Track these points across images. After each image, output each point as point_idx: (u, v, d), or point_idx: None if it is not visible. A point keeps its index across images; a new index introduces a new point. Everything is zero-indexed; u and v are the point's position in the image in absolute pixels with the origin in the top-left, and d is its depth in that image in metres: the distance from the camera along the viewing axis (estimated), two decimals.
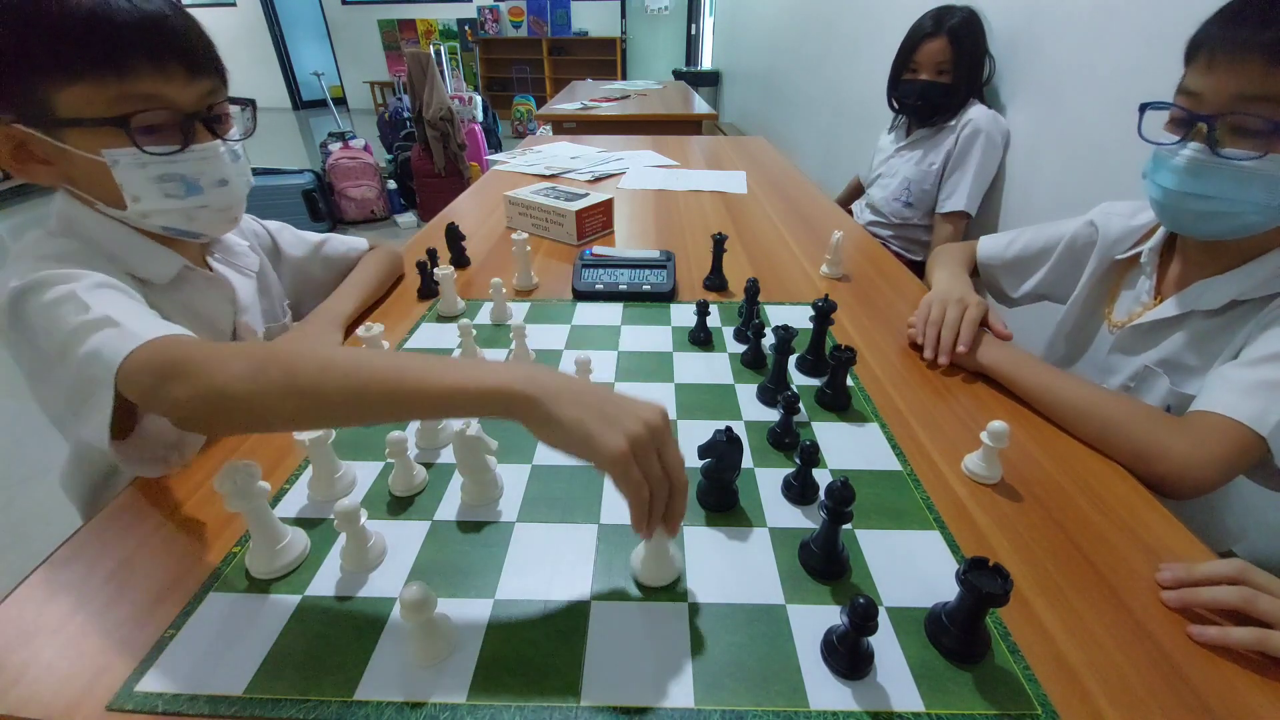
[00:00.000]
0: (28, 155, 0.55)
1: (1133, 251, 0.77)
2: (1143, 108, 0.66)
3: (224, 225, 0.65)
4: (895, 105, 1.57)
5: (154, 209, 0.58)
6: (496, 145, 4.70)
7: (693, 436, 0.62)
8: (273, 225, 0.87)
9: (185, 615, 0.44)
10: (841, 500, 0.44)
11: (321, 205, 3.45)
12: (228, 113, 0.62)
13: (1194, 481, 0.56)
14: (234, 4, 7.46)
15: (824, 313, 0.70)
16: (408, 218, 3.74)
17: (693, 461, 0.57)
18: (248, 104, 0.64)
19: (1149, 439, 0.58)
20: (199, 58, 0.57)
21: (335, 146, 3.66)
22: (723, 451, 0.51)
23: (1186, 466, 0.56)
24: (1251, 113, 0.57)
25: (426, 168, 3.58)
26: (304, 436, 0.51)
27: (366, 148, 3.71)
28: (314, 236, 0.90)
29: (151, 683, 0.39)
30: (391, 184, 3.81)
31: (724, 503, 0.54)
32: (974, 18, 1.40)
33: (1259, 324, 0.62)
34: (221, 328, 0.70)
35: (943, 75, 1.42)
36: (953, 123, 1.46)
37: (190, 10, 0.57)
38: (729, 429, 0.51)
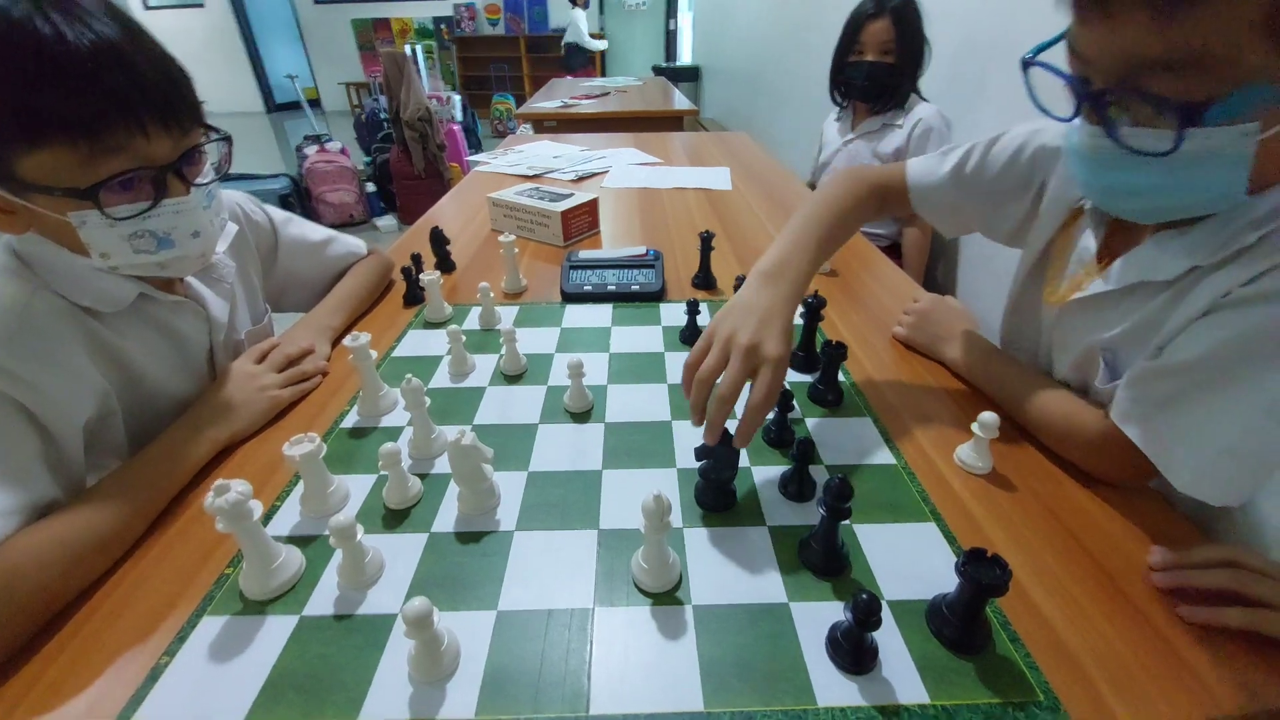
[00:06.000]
0: None
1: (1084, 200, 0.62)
2: (1024, 64, 0.50)
3: (195, 268, 0.63)
4: (840, 91, 1.61)
5: (123, 264, 0.55)
6: (476, 145, 4.65)
7: (689, 438, 0.62)
8: (278, 216, 0.84)
9: (179, 641, 0.43)
10: (840, 497, 0.44)
11: (298, 210, 3.40)
12: (202, 151, 0.58)
13: (1116, 484, 0.55)
14: (202, 4, 7.29)
15: (814, 309, 0.71)
16: (387, 221, 3.69)
17: (690, 463, 0.58)
18: (223, 139, 0.60)
19: (1067, 446, 0.58)
20: (174, 106, 0.53)
21: (311, 150, 3.59)
22: (719, 453, 0.51)
23: (1104, 475, 0.56)
24: (1145, 88, 0.42)
25: (406, 170, 3.53)
26: (294, 451, 0.50)
27: (343, 151, 3.66)
28: (318, 234, 0.88)
29: (148, 713, 0.38)
30: (370, 187, 3.76)
31: (721, 503, 0.54)
32: (912, 2, 1.44)
33: (1194, 301, 0.49)
34: (196, 350, 0.68)
35: (887, 55, 1.46)
36: (900, 121, 1.51)
37: (156, 13, 0.54)
38: (725, 430, 0.51)
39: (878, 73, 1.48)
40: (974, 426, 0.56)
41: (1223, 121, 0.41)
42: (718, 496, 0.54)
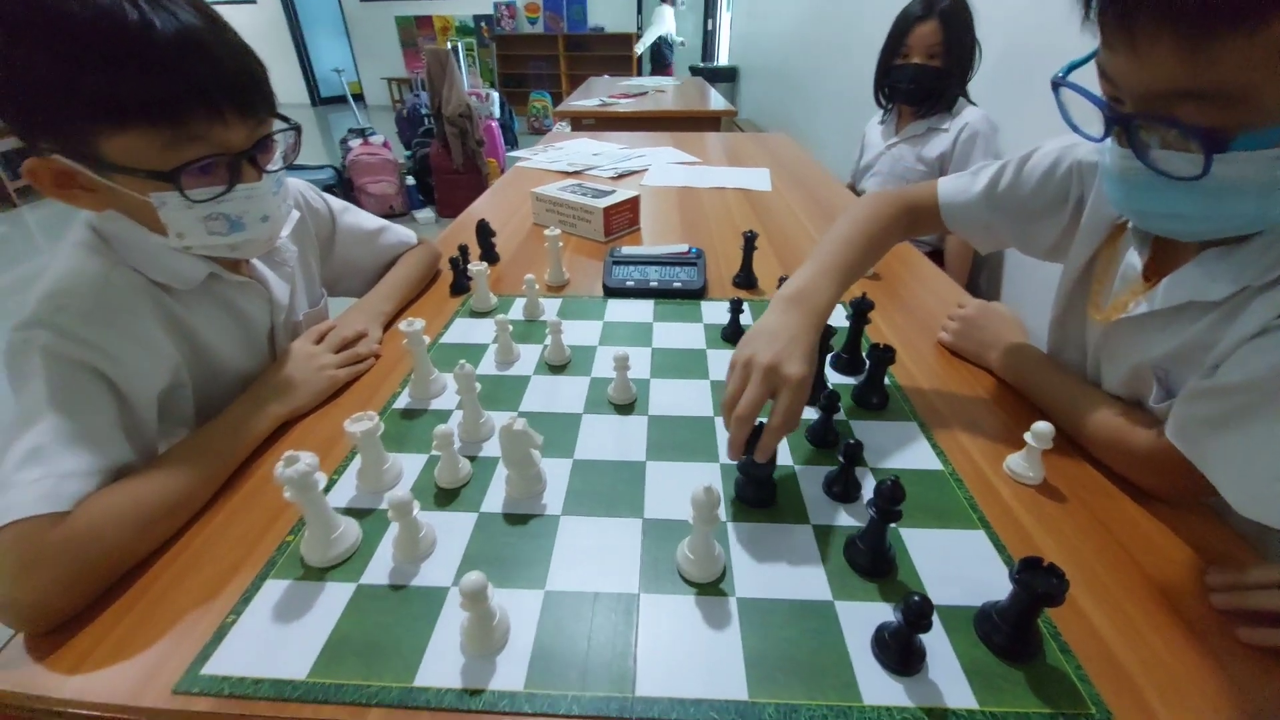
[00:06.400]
0: (70, 182, 0.53)
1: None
2: (1056, 84, 0.50)
3: (262, 250, 0.65)
4: (885, 94, 1.58)
5: (197, 244, 0.58)
6: (513, 142, 4.72)
7: None
8: (336, 205, 0.87)
9: (244, 602, 0.45)
10: (891, 499, 0.44)
11: None
12: (273, 140, 0.60)
13: (1168, 500, 0.55)
14: (254, 1, 7.54)
15: (861, 311, 0.70)
16: (425, 213, 3.77)
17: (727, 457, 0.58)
18: (294, 129, 0.62)
19: (1118, 460, 0.57)
20: (251, 95, 0.55)
21: (355, 143, 3.69)
22: (750, 459, 0.51)
23: (1155, 491, 0.55)
24: (1173, 116, 0.42)
25: (445, 164, 3.60)
26: (355, 428, 0.51)
27: (386, 144, 3.74)
28: (372, 224, 0.91)
29: (216, 666, 0.40)
30: (410, 180, 3.84)
31: (761, 498, 0.54)
32: (963, 2, 1.41)
33: (1247, 322, 0.47)
34: (258, 329, 0.70)
35: (934, 59, 1.44)
36: (946, 125, 1.48)
37: (213, 7, 0.55)
38: (762, 425, 0.51)
39: (924, 76, 1.45)
40: (1027, 436, 0.55)
41: (1251, 149, 0.41)
42: (759, 491, 0.54)
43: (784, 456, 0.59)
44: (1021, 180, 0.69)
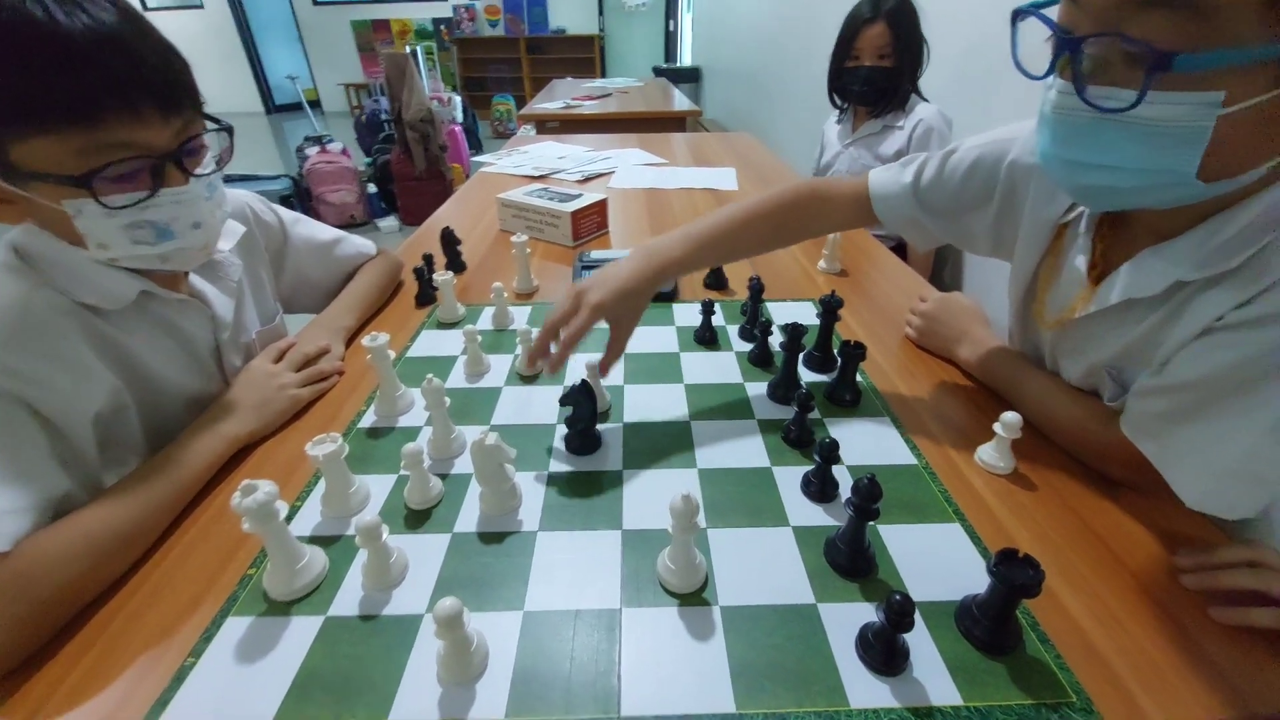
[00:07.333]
0: None
1: (1075, 213, 0.60)
2: (1015, 15, 0.48)
3: (198, 261, 0.61)
4: (839, 97, 1.60)
5: (123, 255, 0.53)
6: (477, 146, 4.66)
7: (710, 438, 0.62)
8: (287, 216, 0.84)
9: (205, 641, 0.42)
10: (869, 497, 0.44)
11: (299, 211, 3.39)
12: (202, 142, 0.56)
13: (1131, 488, 0.56)
14: (201, 6, 7.28)
15: (831, 308, 0.71)
16: (389, 222, 3.68)
17: (711, 463, 0.58)
18: (225, 129, 0.59)
19: (1080, 451, 0.59)
20: (175, 93, 0.52)
21: (312, 151, 3.59)
22: (578, 399, 0.58)
23: (1118, 479, 0.56)
24: (1126, 31, 0.40)
25: (407, 171, 3.53)
26: (317, 451, 0.49)
27: (344, 151, 3.65)
28: (327, 235, 0.88)
29: (174, 715, 0.38)
30: (371, 188, 3.76)
31: (581, 446, 0.60)
32: (908, 3, 1.44)
33: (1190, 321, 0.48)
34: (201, 349, 0.66)
35: (884, 59, 1.46)
36: (901, 123, 1.51)
37: (156, 14, 0.52)
38: (584, 382, 0.59)
39: (875, 77, 1.47)
40: (996, 427, 0.56)
41: (1192, 74, 0.39)
42: (580, 440, 0.60)
43: (760, 457, 0.59)
44: (945, 176, 0.68)
